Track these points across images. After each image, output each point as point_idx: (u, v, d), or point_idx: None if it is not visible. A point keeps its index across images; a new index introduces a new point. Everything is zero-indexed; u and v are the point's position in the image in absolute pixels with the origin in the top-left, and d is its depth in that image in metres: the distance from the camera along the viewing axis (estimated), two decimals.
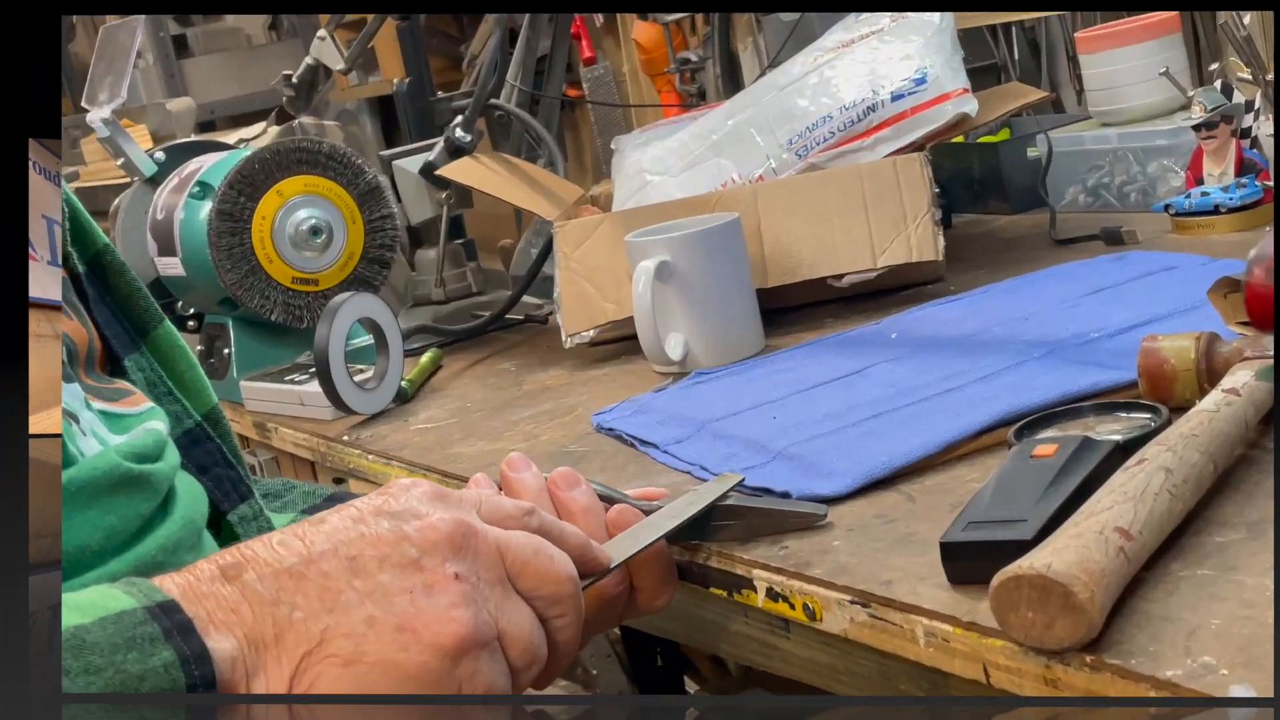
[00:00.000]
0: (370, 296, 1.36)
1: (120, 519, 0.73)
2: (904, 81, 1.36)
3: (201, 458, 0.85)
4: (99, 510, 0.72)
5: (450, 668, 0.66)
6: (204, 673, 0.61)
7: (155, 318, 0.88)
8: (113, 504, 0.73)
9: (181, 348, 0.89)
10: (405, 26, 1.95)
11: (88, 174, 3.51)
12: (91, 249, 0.86)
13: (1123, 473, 0.73)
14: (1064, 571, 0.64)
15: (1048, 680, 0.66)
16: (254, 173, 1.54)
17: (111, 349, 0.85)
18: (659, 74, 2.75)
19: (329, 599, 0.66)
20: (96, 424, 0.77)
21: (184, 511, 0.77)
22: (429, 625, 0.66)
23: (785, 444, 0.97)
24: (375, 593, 0.66)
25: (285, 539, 0.68)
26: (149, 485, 0.75)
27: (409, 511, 0.70)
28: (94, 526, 0.71)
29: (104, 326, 0.85)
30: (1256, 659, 0.60)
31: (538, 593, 0.72)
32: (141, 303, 0.87)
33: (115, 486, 0.73)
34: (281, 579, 0.66)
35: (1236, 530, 0.73)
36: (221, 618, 0.64)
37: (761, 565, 0.83)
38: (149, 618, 0.62)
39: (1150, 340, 0.89)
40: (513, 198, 1.55)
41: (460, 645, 0.66)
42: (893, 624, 0.74)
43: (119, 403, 0.80)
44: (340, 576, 0.66)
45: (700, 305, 1.25)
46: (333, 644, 0.65)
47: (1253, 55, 1.33)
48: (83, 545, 0.70)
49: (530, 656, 0.70)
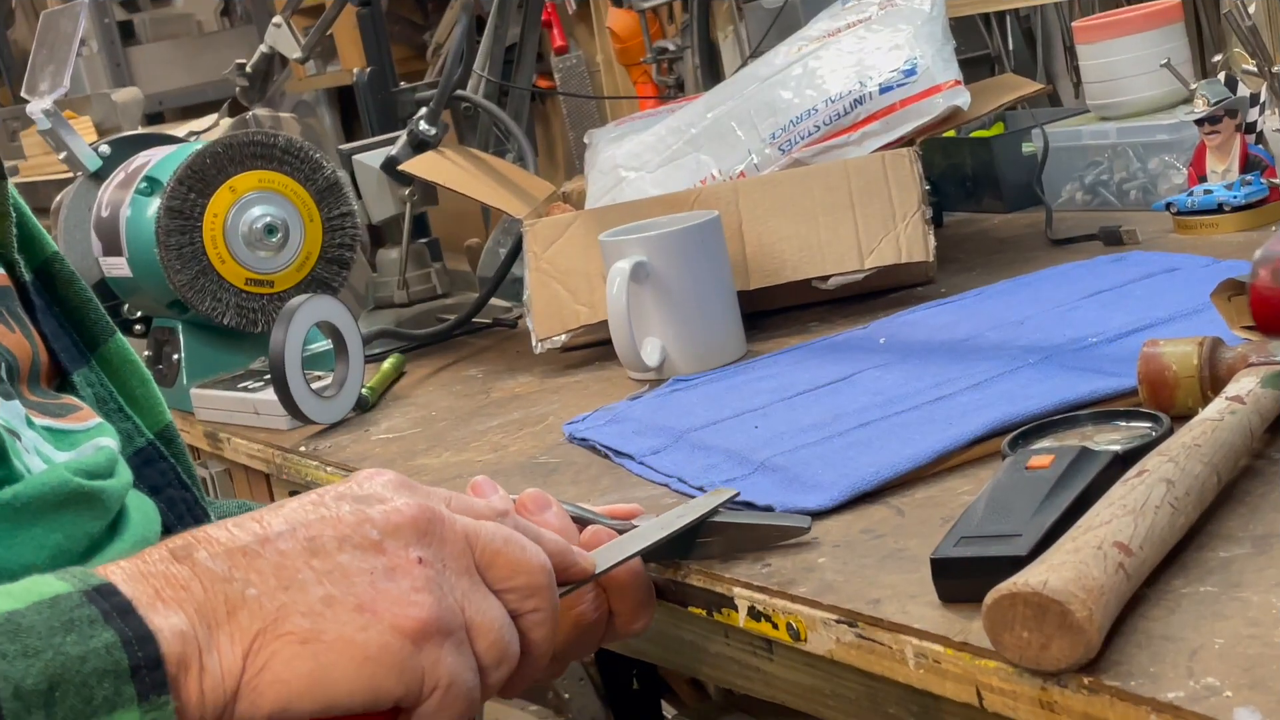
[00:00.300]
0: (329, 299, 1.36)
1: (67, 537, 0.73)
2: (893, 73, 1.36)
3: (154, 478, 0.85)
4: (45, 528, 0.72)
5: (413, 651, 0.66)
6: (148, 653, 0.61)
7: (107, 330, 0.87)
8: (59, 521, 0.72)
9: (134, 362, 0.88)
10: (366, 13, 1.94)
11: (27, 169, 3.49)
12: (40, 256, 0.86)
13: (1122, 485, 0.73)
14: (1061, 589, 0.64)
15: (1044, 703, 0.66)
16: (205, 168, 1.54)
17: (59, 363, 0.85)
18: (635, 64, 2.75)
19: (285, 576, 0.65)
20: (40, 442, 0.77)
21: (135, 531, 0.77)
22: (389, 607, 0.66)
23: (768, 455, 0.97)
24: (334, 572, 0.66)
25: (241, 521, 0.68)
26: (99, 503, 0.75)
27: (373, 496, 0.70)
28: (39, 545, 0.71)
29: (51, 339, 0.84)
30: (1263, 680, 0.61)
31: (509, 584, 0.71)
32: (93, 314, 0.87)
33: (63, 503, 0.73)
34: (235, 556, 0.66)
35: (1241, 545, 0.73)
36: (170, 594, 0.64)
37: (743, 583, 0.84)
38: (85, 601, 0.61)
39: (1151, 345, 0.90)
40: (480, 194, 1.55)
41: (422, 629, 0.66)
42: (881, 644, 0.74)
43: (66, 419, 0.80)
44: (298, 555, 0.66)
45: (678, 308, 1.25)
46: (288, 622, 0.65)
47: (1258, 46, 1.34)
48: (28, 564, 0.70)
49: (500, 653, 0.70)
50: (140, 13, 4.85)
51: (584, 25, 3.16)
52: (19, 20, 4.89)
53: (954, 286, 1.35)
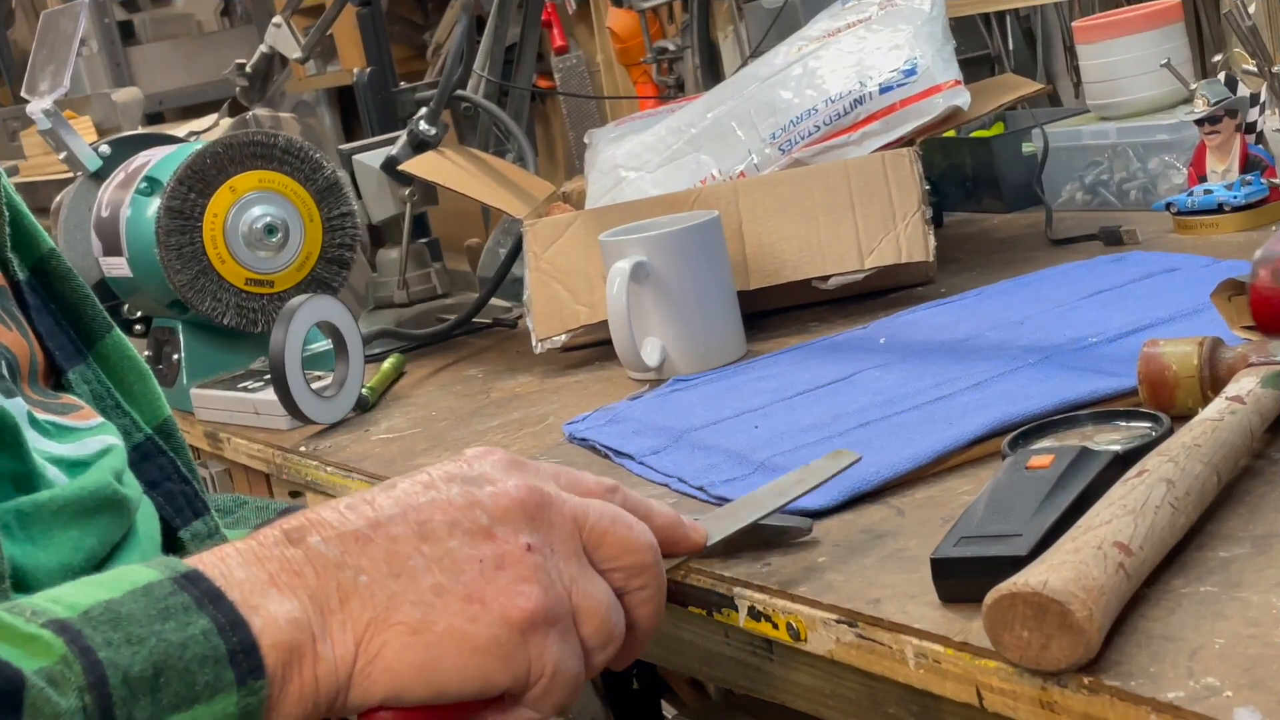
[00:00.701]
0: (329, 299, 1.36)
1: (100, 542, 0.73)
2: (893, 73, 1.36)
3: (153, 473, 0.85)
4: (81, 530, 0.72)
5: (520, 641, 0.66)
6: (242, 638, 0.62)
7: (104, 326, 0.87)
8: (94, 525, 0.73)
9: (132, 357, 0.88)
10: (366, 13, 1.94)
11: (28, 169, 3.49)
12: (35, 254, 0.85)
13: (1122, 485, 0.73)
14: (1061, 589, 0.64)
15: (1044, 703, 0.66)
16: (205, 168, 1.54)
17: (55, 362, 0.84)
18: (635, 64, 2.75)
19: (396, 563, 0.66)
20: (39, 440, 0.76)
21: (146, 542, 0.78)
22: (498, 597, 0.66)
23: (768, 455, 0.97)
24: (444, 559, 0.67)
25: (353, 503, 0.68)
26: (125, 508, 0.76)
27: (482, 477, 0.70)
28: (75, 548, 0.72)
29: (47, 338, 0.84)
30: (1263, 680, 0.61)
31: (617, 563, 0.71)
32: (89, 310, 0.87)
33: (100, 507, 0.73)
34: (347, 541, 0.66)
35: (1241, 545, 0.73)
36: (285, 580, 0.64)
37: (743, 583, 0.84)
38: (177, 589, 0.62)
39: (1151, 345, 0.90)
40: (480, 194, 1.55)
41: (530, 619, 0.67)
42: (881, 644, 0.74)
43: (68, 416, 0.80)
44: (408, 541, 0.66)
45: (678, 308, 1.25)
46: (400, 611, 0.65)
47: (1258, 46, 1.34)
48: (64, 565, 0.71)
49: (606, 635, 0.70)
50: (140, 13, 4.85)
51: (584, 25, 3.16)
52: (19, 20, 4.89)
53: (954, 286, 1.35)
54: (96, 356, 0.87)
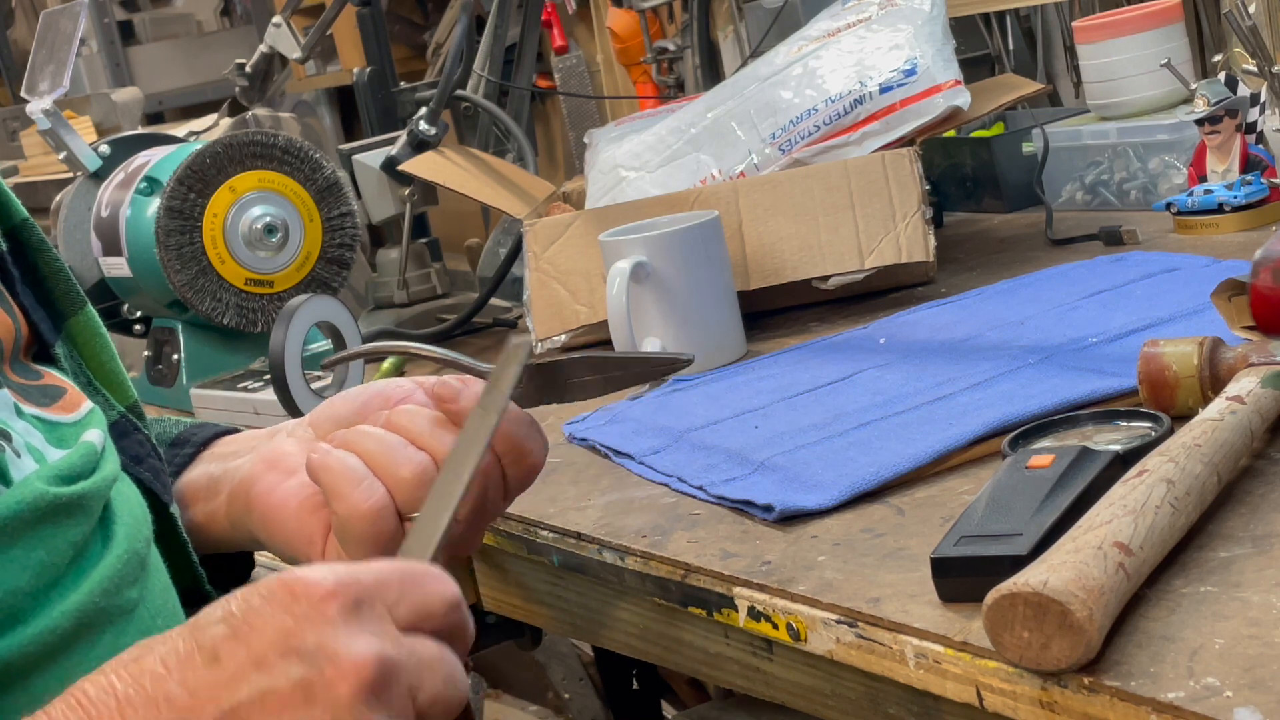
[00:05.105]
0: (329, 299, 1.36)
1: (50, 551, 0.69)
2: (893, 73, 1.36)
3: (134, 448, 0.82)
4: (24, 546, 0.68)
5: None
6: None
7: (78, 302, 0.83)
8: (39, 537, 0.69)
9: (103, 335, 0.84)
10: (366, 13, 1.94)
11: (27, 168, 3.49)
12: (9, 223, 0.82)
13: (1122, 485, 0.73)
14: (1061, 589, 0.64)
15: (1044, 703, 0.66)
16: (205, 167, 1.54)
17: (40, 335, 0.81)
18: (635, 64, 2.75)
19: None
20: (31, 433, 0.74)
21: (124, 541, 0.74)
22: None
23: (768, 455, 0.97)
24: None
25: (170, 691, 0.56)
26: (79, 509, 0.72)
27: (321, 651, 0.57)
28: (22, 566, 0.68)
29: (30, 311, 0.80)
30: (1263, 680, 0.61)
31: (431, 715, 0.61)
32: (63, 284, 0.83)
33: (41, 517, 0.69)
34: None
35: (1241, 545, 0.73)
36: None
37: (743, 582, 0.84)
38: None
39: (1151, 345, 0.90)
40: (480, 194, 1.55)
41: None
42: (881, 644, 0.74)
43: (54, 407, 0.77)
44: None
45: (678, 309, 1.25)
46: None
47: (1258, 46, 1.34)
48: (12, 589, 0.67)
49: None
50: (140, 13, 4.85)
51: (584, 25, 3.16)
52: (19, 20, 4.89)
53: (954, 286, 1.35)
54: (68, 333, 0.83)
